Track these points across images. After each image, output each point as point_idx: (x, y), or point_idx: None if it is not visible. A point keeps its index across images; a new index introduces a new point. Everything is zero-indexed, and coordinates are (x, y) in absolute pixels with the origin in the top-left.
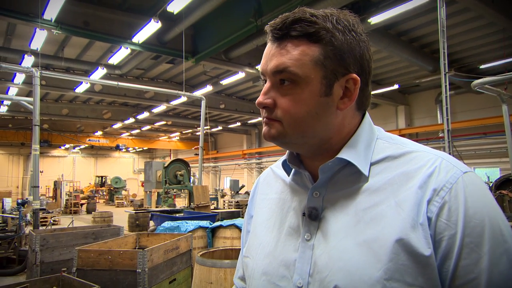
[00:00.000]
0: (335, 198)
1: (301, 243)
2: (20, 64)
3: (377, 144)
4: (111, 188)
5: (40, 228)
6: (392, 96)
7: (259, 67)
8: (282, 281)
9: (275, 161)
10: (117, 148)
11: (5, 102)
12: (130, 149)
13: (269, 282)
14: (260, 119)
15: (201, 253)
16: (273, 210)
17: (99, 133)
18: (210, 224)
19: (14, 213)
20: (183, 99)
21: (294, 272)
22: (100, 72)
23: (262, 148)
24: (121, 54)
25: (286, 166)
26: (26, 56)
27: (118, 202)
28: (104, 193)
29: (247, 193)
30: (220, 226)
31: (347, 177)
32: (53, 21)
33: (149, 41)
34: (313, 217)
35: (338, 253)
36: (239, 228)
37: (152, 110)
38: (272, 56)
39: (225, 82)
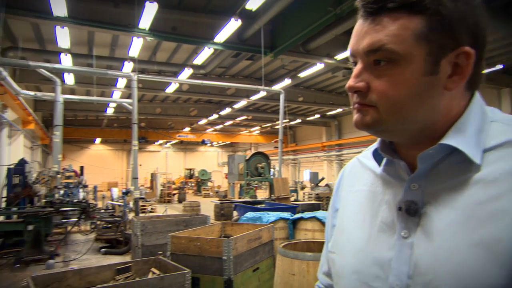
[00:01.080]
0: (438, 191)
1: (397, 240)
2: (121, 70)
3: (492, 127)
4: (199, 180)
5: (140, 215)
6: (494, 78)
7: (339, 56)
8: (375, 282)
9: (356, 153)
10: (203, 142)
11: (111, 105)
12: (214, 143)
13: (361, 282)
14: (339, 110)
15: (283, 244)
16: (362, 204)
17: (187, 129)
18: (291, 216)
19: (120, 201)
20: (263, 93)
21: (389, 273)
22: (187, 72)
23: (342, 140)
24: (204, 54)
25: (377, 156)
26: (126, 63)
27: (205, 192)
28: (193, 184)
29: (327, 185)
30: (301, 218)
31: (453, 166)
32: (147, 29)
33: (230, 39)
34: (411, 212)
35: (446, 253)
36: (320, 221)
37: (234, 106)
38: (364, 33)
39: (303, 74)
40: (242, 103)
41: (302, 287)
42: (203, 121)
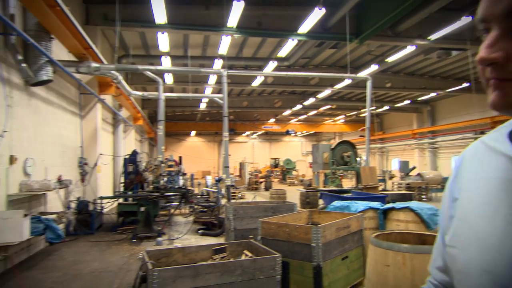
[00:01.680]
0: None
1: None
2: (212, 67)
3: None
4: (283, 169)
5: (231, 201)
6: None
7: (433, 36)
8: None
9: (453, 140)
10: (287, 133)
11: (204, 100)
12: (298, 133)
13: (495, 284)
14: (433, 94)
15: (375, 234)
16: (493, 193)
17: (272, 120)
18: (381, 206)
19: (214, 188)
20: (347, 82)
21: None
22: (271, 65)
23: (437, 126)
24: (288, 46)
25: None
26: (216, 60)
27: (290, 181)
28: (278, 173)
29: (419, 175)
30: (393, 208)
31: None
32: (234, 27)
33: (313, 29)
34: None
35: None
36: (414, 212)
37: (317, 96)
38: None
39: (391, 59)
40: (326, 93)
41: (398, 279)
42: (287, 112)
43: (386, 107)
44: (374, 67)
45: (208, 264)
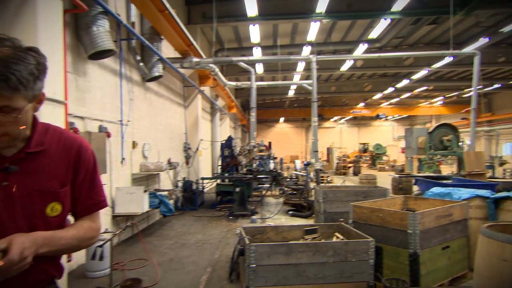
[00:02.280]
0: None
1: None
2: (301, 55)
3: None
4: (373, 154)
5: (320, 184)
6: None
7: None
8: None
9: None
10: (377, 117)
11: (292, 87)
12: (389, 117)
13: None
14: None
15: (487, 225)
16: None
17: (361, 104)
18: (492, 194)
19: (303, 171)
20: (448, 60)
21: None
22: (361, 48)
23: None
24: (380, 27)
25: None
26: (304, 47)
27: (380, 166)
28: (367, 158)
29: None
30: (508, 198)
31: None
32: (323, 12)
33: (409, 5)
34: None
35: None
36: None
37: (412, 77)
38: None
39: (508, 29)
40: (422, 73)
41: None
42: (377, 96)
43: (496, 85)
44: (483, 41)
45: (301, 243)
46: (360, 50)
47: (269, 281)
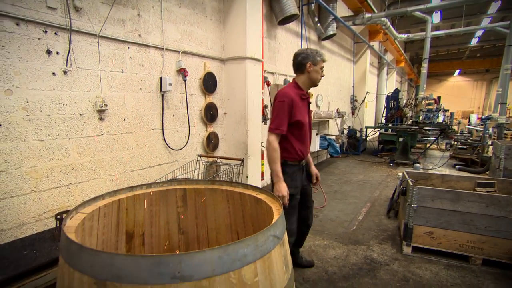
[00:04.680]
0: None
1: None
2: None
3: None
4: None
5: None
6: None
7: None
8: None
9: None
10: None
11: (477, 35)
12: None
13: None
14: None
15: None
16: None
17: None
18: None
19: (478, 127)
20: None
21: None
22: None
23: None
24: None
25: None
26: None
27: None
28: None
29: None
30: None
31: None
32: None
33: None
34: None
35: None
36: None
37: None
38: None
39: None
40: None
41: None
42: None
43: None
44: None
45: (472, 192)
46: None
47: (430, 222)
